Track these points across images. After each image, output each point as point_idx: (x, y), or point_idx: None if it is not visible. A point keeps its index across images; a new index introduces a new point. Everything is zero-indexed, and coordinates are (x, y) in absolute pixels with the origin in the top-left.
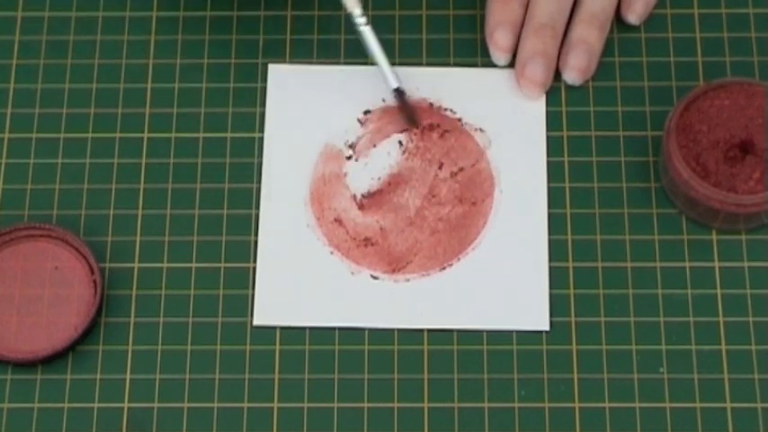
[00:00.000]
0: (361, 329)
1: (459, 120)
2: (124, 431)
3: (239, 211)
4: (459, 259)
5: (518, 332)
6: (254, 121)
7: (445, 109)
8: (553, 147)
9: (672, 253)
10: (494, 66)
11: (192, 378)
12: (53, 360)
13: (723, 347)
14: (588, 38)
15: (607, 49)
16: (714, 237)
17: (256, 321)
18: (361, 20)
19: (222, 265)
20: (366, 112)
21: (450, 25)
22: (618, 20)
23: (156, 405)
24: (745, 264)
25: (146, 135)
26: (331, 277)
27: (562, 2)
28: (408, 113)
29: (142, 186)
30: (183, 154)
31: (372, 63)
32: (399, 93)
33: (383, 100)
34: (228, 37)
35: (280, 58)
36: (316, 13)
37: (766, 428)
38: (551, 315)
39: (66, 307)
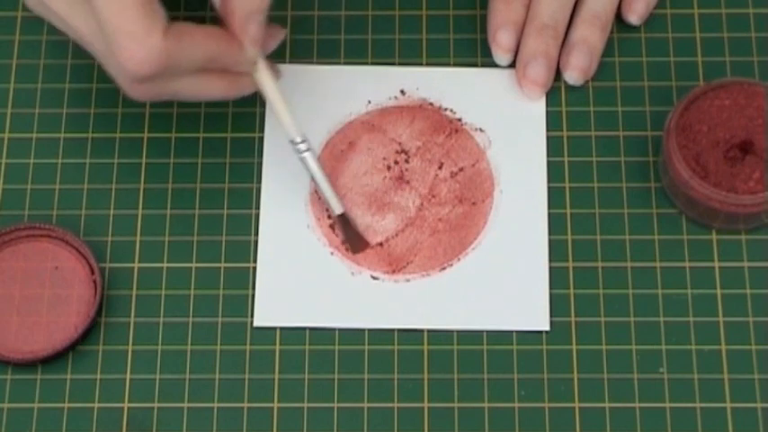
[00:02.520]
0: (361, 330)
1: (460, 120)
2: (124, 431)
3: (239, 211)
4: (459, 259)
5: (518, 332)
6: (254, 121)
7: (445, 109)
8: (553, 147)
9: (672, 253)
10: (494, 66)
11: (192, 378)
12: (53, 360)
13: (723, 347)
14: (590, 38)
15: (607, 49)
16: (714, 237)
17: (257, 322)
18: (302, 146)
19: (222, 265)
20: (366, 113)
21: (450, 25)
22: (618, 20)
23: (156, 405)
24: (745, 264)
25: (146, 135)
26: (331, 278)
27: (564, 2)
28: (353, 239)
29: (142, 186)
30: (183, 154)
31: (374, 63)
32: (344, 219)
33: (387, 99)
34: None
35: (280, 58)
36: (316, 13)
37: (766, 428)
38: (551, 315)
39: (66, 307)
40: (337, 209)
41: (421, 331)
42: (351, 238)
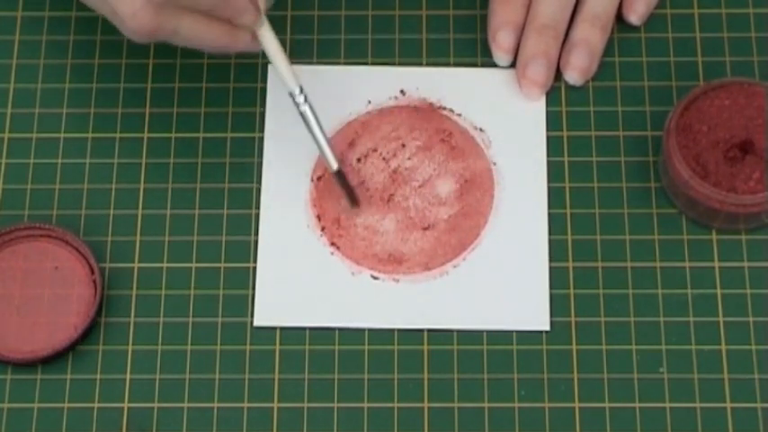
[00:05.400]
0: (361, 329)
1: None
2: (124, 431)
3: (239, 211)
4: (459, 259)
5: (518, 332)
6: (254, 121)
7: (445, 109)
8: (553, 147)
9: (672, 253)
10: (494, 66)
11: (192, 378)
12: (53, 360)
13: (723, 347)
14: (590, 38)
15: (607, 49)
16: (714, 237)
17: (257, 322)
18: (300, 98)
19: (222, 265)
20: (366, 113)
21: (450, 25)
22: (618, 20)
23: (156, 405)
24: (745, 264)
25: (146, 135)
26: (331, 277)
27: (564, 2)
28: (349, 193)
29: (142, 186)
30: (183, 154)
31: (374, 63)
32: (340, 175)
33: (387, 99)
34: None
35: None
36: (316, 13)
37: (766, 428)
38: (551, 315)
39: (66, 307)
40: (333, 165)
41: (421, 331)
42: (348, 193)
